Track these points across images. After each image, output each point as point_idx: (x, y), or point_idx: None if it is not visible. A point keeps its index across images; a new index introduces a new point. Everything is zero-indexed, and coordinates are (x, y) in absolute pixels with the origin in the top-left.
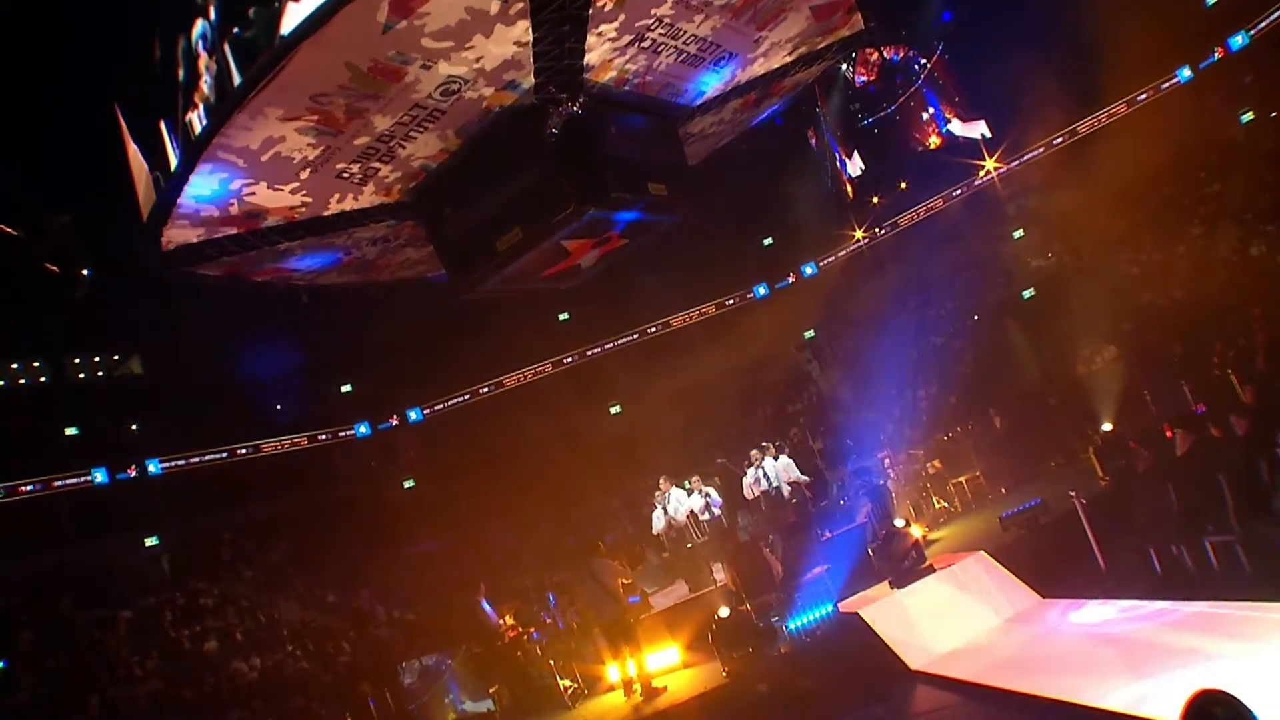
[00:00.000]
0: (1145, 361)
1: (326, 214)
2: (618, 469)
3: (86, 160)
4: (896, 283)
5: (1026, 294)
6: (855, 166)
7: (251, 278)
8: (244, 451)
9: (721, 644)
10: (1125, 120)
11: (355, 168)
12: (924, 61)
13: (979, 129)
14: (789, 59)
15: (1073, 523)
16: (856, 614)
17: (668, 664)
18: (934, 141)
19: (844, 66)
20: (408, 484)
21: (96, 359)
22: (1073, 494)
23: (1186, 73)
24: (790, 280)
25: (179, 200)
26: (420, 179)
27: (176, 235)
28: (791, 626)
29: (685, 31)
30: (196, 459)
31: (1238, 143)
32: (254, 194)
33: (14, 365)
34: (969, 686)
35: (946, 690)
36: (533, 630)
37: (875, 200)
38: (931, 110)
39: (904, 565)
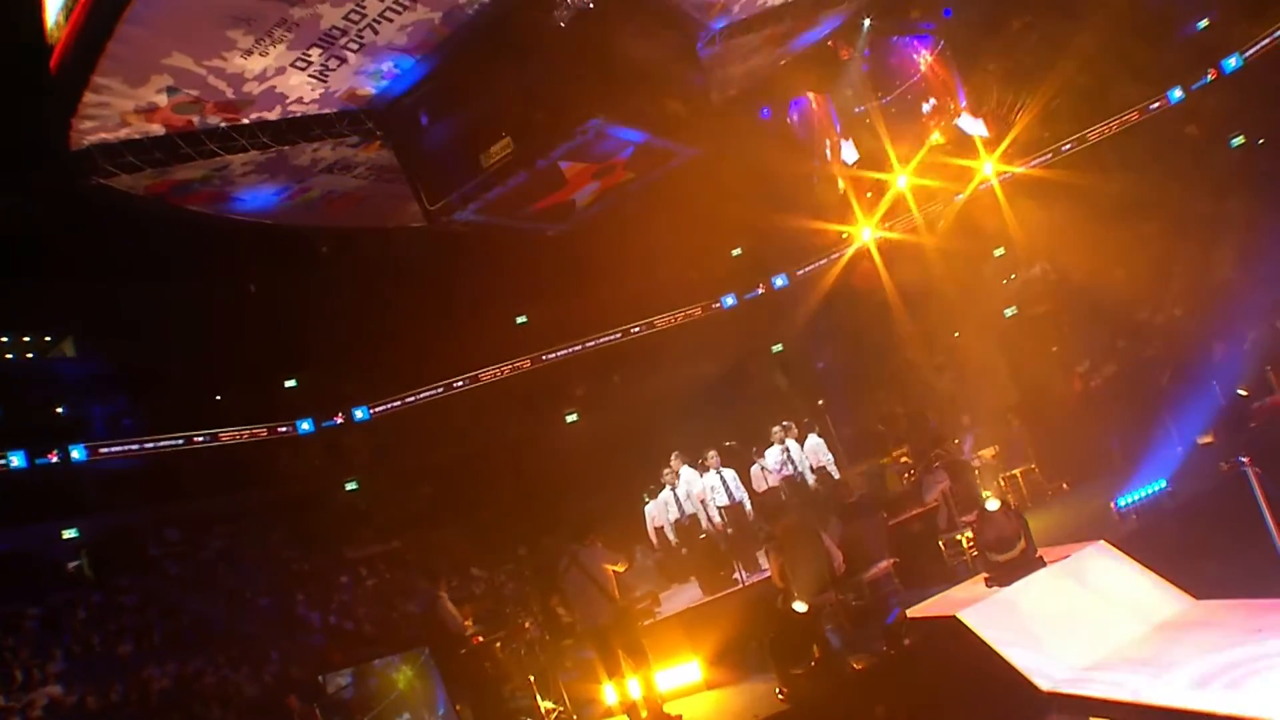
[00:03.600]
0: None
1: (274, 118)
2: (574, 478)
3: None
4: (872, 297)
5: (1008, 312)
6: (851, 153)
7: (181, 200)
8: (201, 439)
9: (779, 655)
10: (1113, 140)
11: (315, 54)
12: (925, 53)
13: (981, 127)
14: None
15: (1212, 507)
16: (954, 618)
17: (686, 682)
18: (936, 138)
19: (865, 22)
20: (350, 485)
21: (26, 339)
22: (1245, 460)
23: (1178, 93)
24: (760, 291)
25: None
26: (393, 78)
27: (92, 129)
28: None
29: None
30: (151, 444)
31: (1229, 165)
32: (180, 63)
33: None
34: (1133, 709)
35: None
36: (500, 634)
37: (869, 195)
38: (933, 102)
39: (1005, 557)
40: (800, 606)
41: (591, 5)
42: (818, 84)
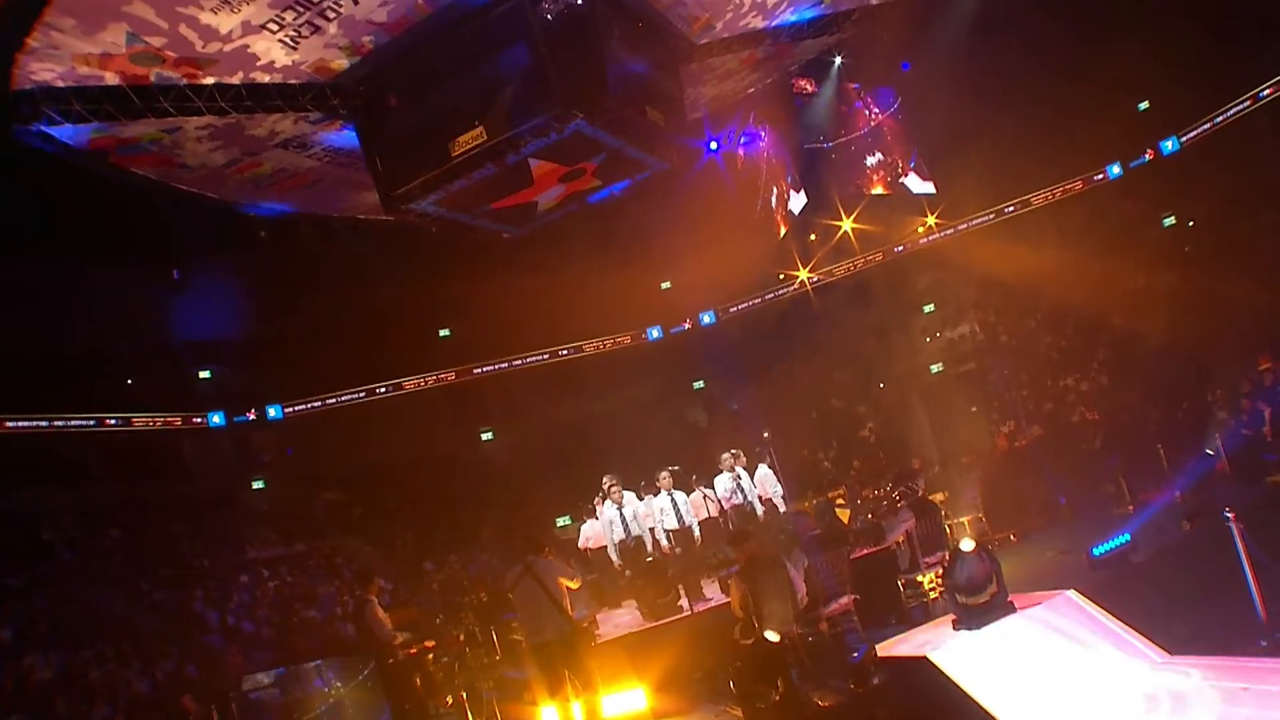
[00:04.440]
0: (1118, 429)
1: (236, 81)
2: (486, 497)
3: None
4: (800, 341)
5: (935, 368)
6: (798, 201)
7: (126, 161)
8: (113, 422)
9: (744, 687)
10: (1052, 208)
11: (290, 17)
12: (877, 110)
13: (927, 187)
14: (810, 13)
15: (1179, 562)
16: (925, 659)
17: (630, 710)
18: (879, 190)
19: (836, 60)
20: (257, 484)
21: None
22: (1230, 514)
23: (1117, 169)
24: (686, 326)
25: None
26: (366, 54)
27: (38, 69)
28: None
29: None
30: (61, 423)
31: (1161, 243)
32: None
33: None
34: None
35: None
36: (429, 644)
37: (812, 238)
38: (880, 157)
39: (975, 601)
40: (773, 636)
41: (580, 2)
42: (775, 119)
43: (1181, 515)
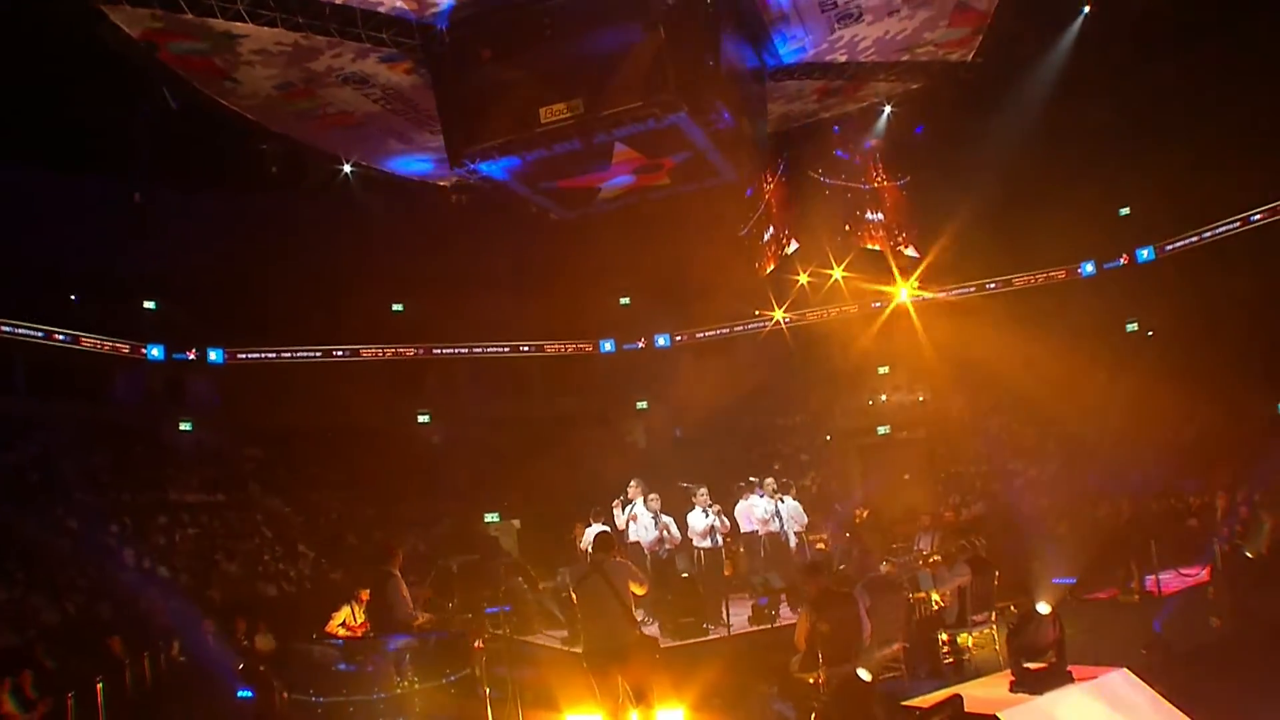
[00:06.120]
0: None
1: None
2: (416, 479)
3: None
4: (749, 379)
5: (882, 430)
6: (792, 243)
7: (173, 60)
8: (61, 338)
9: None
10: (1024, 294)
11: None
12: (883, 176)
13: (914, 254)
14: (893, 58)
15: (1221, 659)
16: (995, 717)
17: None
18: (873, 246)
19: (886, 109)
20: (184, 426)
21: None
22: None
23: (1090, 268)
24: (640, 345)
25: None
26: None
27: None
28: None
29: None
30: (8, 329)
31: (1121, 347)
32: None
33: None
34: None
35: None
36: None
37: (805, 281)
38: (880, 217)
39: (1036, 665)
40: (865, 675)
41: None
42: (803, 157)
43: (1210, 611)
